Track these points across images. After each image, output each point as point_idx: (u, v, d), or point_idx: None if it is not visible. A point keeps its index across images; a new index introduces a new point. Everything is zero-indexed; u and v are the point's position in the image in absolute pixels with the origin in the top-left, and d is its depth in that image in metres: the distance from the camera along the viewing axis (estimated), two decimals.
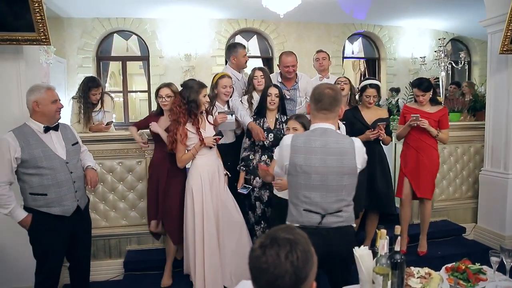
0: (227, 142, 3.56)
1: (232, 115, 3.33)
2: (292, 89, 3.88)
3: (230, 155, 3.47)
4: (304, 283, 1.07)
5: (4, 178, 2.42)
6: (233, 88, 3.59)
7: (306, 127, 2.82)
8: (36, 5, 2.50)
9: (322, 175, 1.99)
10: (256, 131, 3.28)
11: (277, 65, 4.09)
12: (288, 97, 3.79)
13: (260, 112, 3.44)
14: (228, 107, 3.57)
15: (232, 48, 3.94)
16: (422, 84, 3.50)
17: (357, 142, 2.07)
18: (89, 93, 3.91)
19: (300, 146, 2.01)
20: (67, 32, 7.47)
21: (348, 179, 2.02)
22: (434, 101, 3.65)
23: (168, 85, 3.27)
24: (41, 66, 5.34)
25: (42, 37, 2.69)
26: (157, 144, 3.32)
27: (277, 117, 3.39)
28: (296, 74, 3.91)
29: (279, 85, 3.64)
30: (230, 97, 3.56)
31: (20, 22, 2.60)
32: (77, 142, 2.71)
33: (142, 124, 3.42)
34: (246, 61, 3.99)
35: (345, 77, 3.88)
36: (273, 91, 3.35)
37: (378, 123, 3.35)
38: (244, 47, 4.05)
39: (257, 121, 3.38)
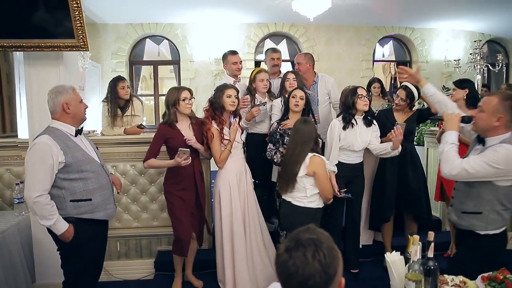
0: (263, 132, 3.72)
1: (264, 105, 3.55)
2: (312, 89, 3.97)
3: (265, 145, 3.47)
4: (334, 279, 1.08)
5: (47, 186, 2.23)
6: (269, 83, 3.81)
7: None
8: (76, 13, 2.62)
9: None
10: None
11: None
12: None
13: (283, 117, 3.38)
14: (270, 97, 3.80)
15: (223, 58, 4.05)
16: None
17: None
18: (117, 88, 3.92)
19: None
20: (102, 38, 7.74)
21: None
22: (473, 104, 3.50)
23: (188, 88, 3.12)
24: (78, 70, 5.55)
25: (81, 44, 2.80)
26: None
27: None
28: (315, 73, 4.06)
29: None
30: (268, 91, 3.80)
31: (61, 30, 2.72)
32: (97, 147, 2.63)
33: (156, 148, 3.07)
34: (238, 69, 3.95)
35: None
36: (298, 93, 3.28)
37: (396, 123, 3.32)
38: (233, 53, 3.99)
39: (280, 125, 3.34)
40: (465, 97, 3.44)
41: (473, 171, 2.05)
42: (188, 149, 2.90)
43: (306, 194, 2.78)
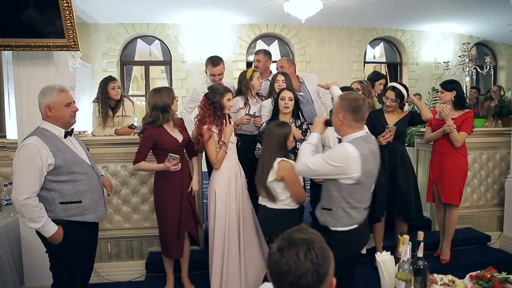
0: (249, 134, 3.73)
1: (256, 118, 3.56)
2: (302, 90, 3.96)
3: (253, 146, 3.48)
4: (325, 279, 1.09)
5: (35, 189, 2.18)
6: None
7: None
8: (67, 12, 2.59)
9: (375, 176, 2.28)
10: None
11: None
12: (301, 99, 3.86)
13: (273, 118, 3.38)
14: (260, 98, 3.81)
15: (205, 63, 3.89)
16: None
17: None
18: (107, 89, 3.91)
19: (366, 153, 2.15)
20: (93, 38, 7.68)
21: None
22: (459, 106, 3.55)
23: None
24: (68, 70, 5.49)
25: (72, 43, 2.77)
26: (164, 157, 2.93)
27: (291, 121, 3.32)
28: (298, 76, 4.08)
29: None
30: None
31: (52, 29, 2.68)
32: (88, 149, 2.59)
33: (146, 150, 3.00)
34: (215, 81, 3.73)
35: (360, 81, 3.93)
36: (286, 94, 3.28)
37: (387, 126, 3.33)
38: (214, 64, 3.75)
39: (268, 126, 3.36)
40: (453, 99, 3.49)
41: (314, 167, 2.17)
42: (178, 156, 2.88)
43: (278, 198, 2.71)
